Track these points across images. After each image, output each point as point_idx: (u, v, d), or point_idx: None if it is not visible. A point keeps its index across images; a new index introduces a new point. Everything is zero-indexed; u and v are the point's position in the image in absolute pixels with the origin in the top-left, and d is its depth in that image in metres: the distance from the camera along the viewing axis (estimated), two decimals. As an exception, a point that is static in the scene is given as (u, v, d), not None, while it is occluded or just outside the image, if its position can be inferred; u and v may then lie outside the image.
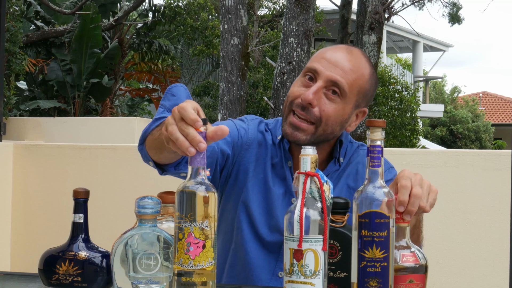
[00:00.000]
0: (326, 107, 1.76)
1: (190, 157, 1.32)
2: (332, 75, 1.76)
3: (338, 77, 1.76)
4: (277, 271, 1.82)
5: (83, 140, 6.69)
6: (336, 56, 1.79)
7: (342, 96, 1.77)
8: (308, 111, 1.76)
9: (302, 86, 1.79)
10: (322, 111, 1.76)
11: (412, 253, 1.39)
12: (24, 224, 4.07)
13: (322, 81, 1.76)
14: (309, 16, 6.88)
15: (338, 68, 1.77)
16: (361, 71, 1.81)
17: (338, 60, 1.78)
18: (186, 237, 1.28)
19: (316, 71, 1.77)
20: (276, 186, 1.84)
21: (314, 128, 1.77)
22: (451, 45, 25.98)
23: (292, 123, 1.78)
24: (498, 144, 25.00)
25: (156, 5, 13.20)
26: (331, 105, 1.77)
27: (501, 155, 3.27)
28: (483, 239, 3.25)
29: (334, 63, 1.77)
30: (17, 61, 7.66)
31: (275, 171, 1.85)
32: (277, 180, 1.85)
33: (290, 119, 1.78)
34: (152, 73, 12.97)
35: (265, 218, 1.83)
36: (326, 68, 1.77)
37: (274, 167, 1.85)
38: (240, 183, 1.86)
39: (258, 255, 1.82)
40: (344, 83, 1.76)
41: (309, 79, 1.79)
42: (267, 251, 1.82)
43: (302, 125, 1.77)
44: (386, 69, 14.09)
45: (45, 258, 1.55)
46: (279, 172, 1.85)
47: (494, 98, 31.64)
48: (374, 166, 1.33)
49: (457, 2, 16.66)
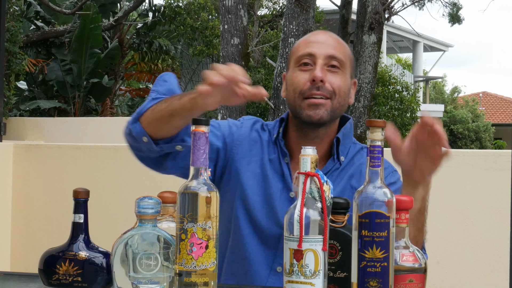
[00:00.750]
0: (334, 80, 1.83)
1: (193, 158, 1.32)
2: (327, 51, 1.85)
3: (333, 51, 1.85)
4: (275, 266, 1.83)
5: (83, 140, 6.68)
6: (319, 37, 1.89)
7: (342, 67, 1.85)
8: (322, 88, 1.82)
9: (303, 73, 1.85)
10: (333, 84, 1.83)
11: (412, 253, 1.39)
12: (24, 224, 4.07)
13: (321, 59, 1.83)
14: (309, 16, 6.88)
15: (327, 44, 1.86)
16: (342, 43, 1.92)
17: (323, 40, 1.88)
18: (189, 238, 1.29)
19: (311, 54, 1.84)
20: (275, 180, 1.86)
21: (330, 102, 1.83)
22: (451, 45, 26.00)
23: (311, 104, 1.82)
24: (498, 144, 25.01)
25: (156, 5, 13.20)
26: (336, 77, 1.84)
27: (501, 155, 3.27)
28: (483, 239, 3.25)
29: (323, 42, 1.87)
30: (17, 61, 7.66)
31: (273, 166, 1.88)
32: (275, 174, 1.87)
33: (307, 102, 1.83)
34: (152, 73, 12.97)
35: (264, 211, 1.85)
36: (318, 48, 1.85)
37: (272, 163, 1.88)
38: (234, 179, 1.88)
39: (257, 250, 1.83)
40: (340, 55, 1.86)
41: (305, 65, 1.85)
42: (265, 245, 1.83)
43: (321, 101, 1.82)
44: (386, 69, 14.09)
45: (45, 258, 1.55)
46: (276, 167, 1.88)
47: (494, 98, 31.65)
48: (374, 166, 1.33)
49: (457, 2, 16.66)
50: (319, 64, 1.82)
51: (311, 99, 1.82)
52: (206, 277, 1.30)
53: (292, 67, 1.87)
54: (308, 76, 1.82)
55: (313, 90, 1.81)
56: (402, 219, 1.39)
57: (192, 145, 1.34)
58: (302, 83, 1.83)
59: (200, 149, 1.33)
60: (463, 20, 16.60)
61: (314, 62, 1.83)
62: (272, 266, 1.83)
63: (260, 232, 1.83)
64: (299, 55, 1.86)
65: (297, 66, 1.86)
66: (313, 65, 1.83)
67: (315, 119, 1.82)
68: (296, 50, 1.88)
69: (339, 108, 1.85)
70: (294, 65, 1.87)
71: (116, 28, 11.95)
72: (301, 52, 1.86)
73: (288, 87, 1.87)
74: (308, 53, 1.84)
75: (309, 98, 1.82)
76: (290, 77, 1.87)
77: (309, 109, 1.82)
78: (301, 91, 1.83)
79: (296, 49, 1.89)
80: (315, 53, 1.83)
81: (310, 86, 1.81)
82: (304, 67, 1.84)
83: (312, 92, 1.81)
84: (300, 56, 1.85)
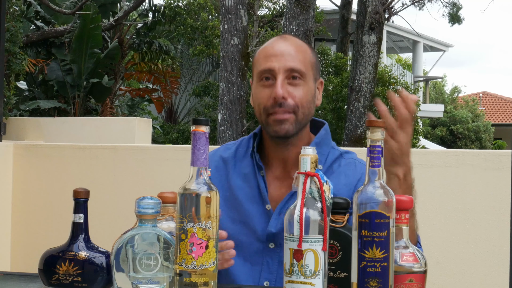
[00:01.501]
0: (296, 93, 1.85)
1: (193, 158, 1.32)
2: (286, 64, 1.85)
3: (292, 63, 1.85)
4: (262, 282, 1.83)
5: (83, 140, 6.68)
6: (277, 48, 1.88)
7: (303, 77, 1.86)
8: (284, 104, 1.83)
9: (265, 89, 1.86)
10: (295, 98, 1.84)
11: (412, 253, 1.39)
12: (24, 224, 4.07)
13: (281, 74, 1.84)
14: (309, 16, 6.88)
15: (286, 56, 1.86)
16: (303, 48, 1.90)
17: (281, 50, 1.87)
18: (189, 238, 1.29)
19: (270, 69, 1.85)
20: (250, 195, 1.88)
21: (294, 115, 1.85)
22: (451, 45, 25.99)
23: (276, 120, 1.84)
24: (498, 144, 25.01)
25: (156, 5, 13.19)
26: (298, 89, 1.85)
27: (501, 155, 3.27)
28: (483, 239, 3.25)
29: (280, 54, 1.86)
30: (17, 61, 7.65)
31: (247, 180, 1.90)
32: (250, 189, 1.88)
33: (272, 118, 1.85)
34: (152, 73, 12.97)
35: (243, 231, 1.84)
36: (277, 61, 1.85)
37: (246, 177, 1.90)
38: None
39: (243, 271, 1.83)
40: (299, 66, 1.86)
41: (266, 79, 1.86)
42: (250, 264, 1.83)
43: (285, 116, 1.83)
44: (386, 69, 14.09)
45: (45, 258, 1.55)
46: (251, 181, 1.89)
47: (494, 98, 31.64)
48: (374, 166, 1.33)
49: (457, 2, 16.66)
50: (279, 80, 1.83)
51: (275, 115, 1.84)
52: (206, 277, 1.30)
53: (255, 81, 1.90)
54: (270, 93, 1.84)
55: (275, 107, 1.84)
56: (402, 219, 1.39)
57: (192, 145, 1.34)
58: (265, 100, 1.85)
59: (200, 149, 1.33)
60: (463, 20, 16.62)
61: (275, 77, 1.85)
62: (259, 282, 1.83)
63: (243, 252, 1.82)
64: (260, 70, 1.88)
65: (259, 82, 1.88)
66: (273, 80, 1.85)
67: (282, 134, 1.85)
68: (257, 63, 1.90)
69: (305, 117, 1.87)
70: (256, 79, 1.90)
71: (116, 28, 11.95)
72: (261, 67, 1.87)
73: (254, 101, 1.91)
74: (268, 69, 1.85)
75: (273, 114, 1.84)
76: (254, 92, 1.91)
77: (275, 124, 1.84)
78: (265, 108, 1.85)
79: (257, 61, 1.91)
80: (274, 68, 1.84)
81: (273, 104, 1.84)
82: (266, 81, 1.86)
83: (275, 109, 1.84)
84: (261, 72, 1.87)
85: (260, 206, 1.86)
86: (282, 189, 1.87)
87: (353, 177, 1.87)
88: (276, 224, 1.83)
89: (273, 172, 1.90)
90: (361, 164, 1.91)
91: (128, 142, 6.53)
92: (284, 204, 1.84)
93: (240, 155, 1.95)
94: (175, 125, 15.30)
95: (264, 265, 1.82)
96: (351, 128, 9.49)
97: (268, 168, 1.91)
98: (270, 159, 1.91)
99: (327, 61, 13.82)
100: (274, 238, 1.83)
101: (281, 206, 1.84)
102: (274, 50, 1.88)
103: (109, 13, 11.84)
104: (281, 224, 1.81)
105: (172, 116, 16.45)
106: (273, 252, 1.83)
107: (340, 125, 12.37)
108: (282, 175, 1.90)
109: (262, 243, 1.84)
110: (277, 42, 1.91)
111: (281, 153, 1.89)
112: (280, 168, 1.90)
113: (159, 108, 13.75)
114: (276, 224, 1.83)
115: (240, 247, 1.80)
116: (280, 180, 1.89)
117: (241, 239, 1.82)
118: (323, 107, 12.63)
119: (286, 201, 1.84)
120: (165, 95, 13.44)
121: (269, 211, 1.84)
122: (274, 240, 1.83)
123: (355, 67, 9.65)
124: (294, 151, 1.87)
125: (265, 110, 1.85)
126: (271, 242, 1.83)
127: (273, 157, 1.91)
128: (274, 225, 1.83)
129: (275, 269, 1.82)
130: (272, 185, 1.89)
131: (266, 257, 1.83)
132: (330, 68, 13.81)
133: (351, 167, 1.89)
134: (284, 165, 1.90)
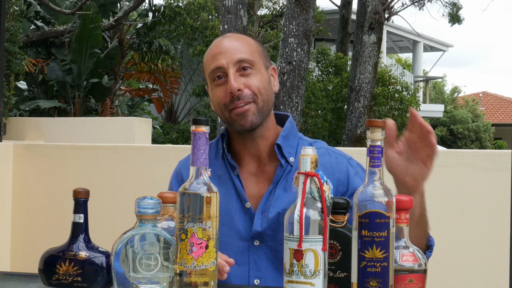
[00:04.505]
0: (250, 82, 1.86)
1: (193, 158, 1.32)
2: (233, 57, 1.87)
3: (238, 55, 1.87)
4: (252, 280, 1.84)
5: (83, 140, 6.68)
6: (221, 46, 1.90)
7: (253, 66, 1.88)
8: (242, 96, 1.85)
9: (220, 87, 1.88)
10: (250, 87, 1.86)
11: (412, 253, 1.39)
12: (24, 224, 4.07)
13: (231, 68, 1.86)
14: (309, 16, 6.88)
15: (231, 50, 1.88)
16: (246, 40, 1.94)
17: (225, 47, 1.89)
18: (189, 238, 1.29)
19: (219, 66, 1.87)
20: (227, 196, 1.88)
21: (254, 104, 1.86)
22: (451, 45, 25.99)
23: (238, 113, 1.86)
24: (498, 144, 25.01)
25: (156, 5, 13.19)
26: (251, 78, 1.87)
27: (501, 155, 3.27)
28: (483, 239, 3.25)
29: (225, 50, 1.89)
30: (17, 61, 7.65)
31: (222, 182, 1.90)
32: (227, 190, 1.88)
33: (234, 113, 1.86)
34: (152, 73, 12.96)
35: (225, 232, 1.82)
36: (224, 58, 1.87)
37: (221, 178, 1.90)
38: None
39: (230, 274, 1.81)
40: (246, 55, 1.88)
41: (219, 78, 1.88)
42: (236, 264, 1.81)
43: (246, 108, 1.85)
44: (386, 69, 14.09)
45: (45, 258, 1.55)
46: (226, 182, 1.90)
47: (494, 98, 31.64)
48: (374, 166, 1.33)
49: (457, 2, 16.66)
50: (230, 74, 1.85)
51: (237, 109, 1.85)
52: (206, 277, 1.30)
53: (209, 83, 1.92)
54: (226, 90, 1.86)
55: (234, 101, 1.85)
56: (402, 219, 1.39)
57: (192, 145, 1.34)
58: (223, 97, 1.87)
59: (200, 149, 1.33)
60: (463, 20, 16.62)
61: (226, 73, 1.86)
62: (248, 281, 1.84)
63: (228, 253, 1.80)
64: (210, 71, 1.89)
65: (213, 82, 1.90)
66: (225, 77, 1.87)
67: (248, 126, 1.86)
68: (206, 66, 1.92)
69: (265, 105, 1.88)
70: (209, 81, 1.91)
71: (116, 28, 11.95)
72: (211, 68, 1.89)
73: (213, 103, 1.92)
74: (217, 67, 1.87)
75: (234, 109, 1.85)
76: (211, 93, 1.92)
77: (238, 119, 1.86)
78: (225, 105, 1.87)
79: (206, 64, 1.93)
80: (223, 64, 1.86)
81: (231, 98, 1.85)
82: (219, 80, 1.88)
83: (234, 103, 1.85)
84: (211, 72, 1.89)
85: (239, 205, 1.87)
86: (259, 184, 1.89)
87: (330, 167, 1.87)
88: (261, 223, 1.84)
89: (248, 169, 1.91)
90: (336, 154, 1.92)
91: (128, 142, 6.53)
92: (265, 202, 1.85)
93: (211, 159, 1.94)
94: (175, 125, 15.30)
95: (251, 264, 1.84)
96: (351, 128, 9.49)
97: (241, 166, 1.92)
98: (242, 156, 1.92)
99: (327, 61, 13.83)
100: (259, 236, 1.84)
101: (262, 204, 1.85)
102: (219, 48, 1.90)
103: (109, 13, 11.83)
104: (266, 222, 1.83)
105: (172, 116, 16.45)
106: (259, 250, 1.84)
107: (340, 125, 12.37)
108: (257, 170, 1.91)
109: (246, 242, 1.85)
110: (220, 41, 1.93)
111: (252, 147, 1.90)
112: (253, 164, 1.92)
113: (159, 108, 13.75)
114: (261, 223, 1.84)
115: (224, 249, 1.80)
116: (255, 175, 1.91)
117: (225, 240, 1.80)
118: (323, 107, 12.64)
119: (267, 198, 1.85)
120: (165, 95, 13.43)
121: (249, 208, 1.86)
122: (259, 238, 1.84)
123: (355, 67, 9.65)
124: (264, 144, 1.90)
125: (225, 107, 1.86)
126: (256, 240, 1.84)
127: (245, 153, 1.92)
128: (258, 224, 1.84)
129: (263, 266, 1.83)
130: (249, 181, 1.90)
131: (252, 255, 1.84)
132: (330, 68, 13.82)
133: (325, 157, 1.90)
134: (257, 160, 1.91)
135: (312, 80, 13.22)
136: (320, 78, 13.80)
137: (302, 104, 7.10)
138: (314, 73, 13.83)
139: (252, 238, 1.84)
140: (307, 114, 12.62)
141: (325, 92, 12.95)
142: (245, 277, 1.84)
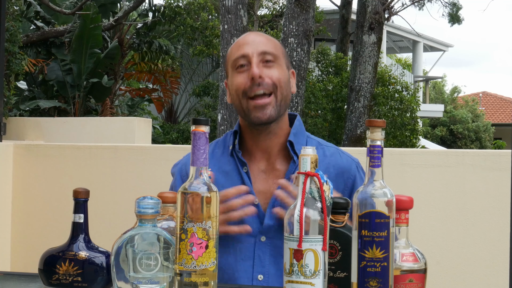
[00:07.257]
0: (272, 73, 1.90)
1: (193, 158, 1.32)
2: (259, 48, 1.91)
3: (264, 47, 1.92)
4: (256, 275, 1.85)
5: (83, 140, 6.68)
6: (248, 38, 1.96)
7: (276, 60, 1.92)
8: (262, 84, 1.88)
9: (241, 74, 1.91)
10: (272, 77, 1.89)
11: (412, 253, 1.39)
12: (24, 224, 4.07)
13: (255, 57, 1.89)
14: (309, 16, 6.88)
15: (257, 43, 1.93)
16: (272, 38, 1.99)
17: (253, 39, 1.95)
18: (189, 238, 1.29)
19: (244, 55, 1.91)
20: None
21: (274, 97, 1.89)
22: (451, 45, 25.98)
23: (257, 105, 1.88)
24: (498, 144, 25.00)
25: (156, 5, 13.19)
26: (273, 70, 1.91)
27: (501, 155, 3.26)
28: (483, 239, 3.25)
29: (251, 41, 1.93)
30: (17, 61, 7.64)
31: (230, 178, 1.91)
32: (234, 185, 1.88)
33: (252, 104, 1.88)
34: (152, 73, 12.96)
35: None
36: (249, 48, 1.91)
37: (228, 174, 1.91)
38: None
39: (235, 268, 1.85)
40: (271, 49, 1.92)
41: (241, 66, 1.91)
42: (241, 259, 1.84)
43: (265, 101, 1.88)
44: (386, 69, 14.08)
45: (45, 258, 1.55)
46: (234, 178, 1.90)
47: (494, 98, 31.64)
48: (374, 166, 1.33)
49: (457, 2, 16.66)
50: (254, 62, 1.88)
51: (256, 101, 1.87)
52: (206, 277, 1.30)
53: (231, 73, 1.94)
54: (247, 76, 1.88)
55: (254, 87, 1.87)
56: (402, 219, 1.39)
57: (192, 145, 1.34)
58: (243, 84, 1.89)
59: (200, 149, 1.33)
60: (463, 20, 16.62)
61: (249, 62, 1.89)
62: (252, 276, 1.85)
63: (234, 249, 1.84)
64: (234, 59, 1.92)
65: (235, 70, 1.92)
66: (248, 65, 1.89)
67: (264, 119, 1.88)
68: (231, 55, 1.95)
69: (284, 99, 1.91)
70: (231, 70, 1.93)
71: (116, 28, 11.94)
72: (235, 56, 1.92)
73: (231, 91, 1.93)
74: (242, 55, 1.90)
75: (254, 99, 1.87)
76: (231, 82, 1.94)
77: (256, 111, 1.88)
78: (244, 91, 1.89)
79: (230, 54, 1.96)
80: (248, 53, 1.90)
81: (251, 85, 1.87)
82: (241, 68, 1.91)
83: (254, 89, 1.87)
84: (235, 60, 1.92)
85: None
86: (268, 181, 1.90)
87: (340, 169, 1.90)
88: (271, 218, 1.85)
89: (258, 166, 1.92)
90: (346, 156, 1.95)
91: (128, 142, 6.52)
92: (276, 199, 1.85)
93: (217, 156, 1.96)
94: (175, 125, 15.30)
95: (256, 259, 1.84)
96: (351, 128, 9.49)
97: (251, 162, 1.93)
98: (252, 153, 1.93)
99: (327, 61, 13.82)
100: (267, 232, 1.85)
101: (273, 200, 1.86)
102: (245, 40, 1.94)
103: (109, 13, 11.83)
104: (276, 218, 1.84)
105: (172, 116, 16.45)
106: (264, 246, 1.85)
107: (340, 125, 12.37)
108: (266, 167, 1.92)
109: (253, 238, 1.85)
110: (247, 35, 1.99)
111: (263, 143, 1.92)
112: (263, 161, 1.93)
113: (159, 108, 13.75)
114: (271, 218, 1.85)
115: (232, 244, 1.83)
116: (265, 173, 1.92)
117: (231, 235, 1.83)
118: (323, 107, 12.64)
119: None
120: (165, 95, 13.43)
121: (256, 205, 1.86)
122: (266, 234, 1.85)
123: (355, 67, 9.65)
124: (276, 141, 1.92)
125: (244, 94, 1.88)
126: (263, 236, 1.85)
127: (256, 150, 1.93)
128: (269, 218, 1.85)
129: (266, 263, 1.85)
130: (258, 178, 1.91)
131: (257, 251, 1.85)
132: (330, 68, 13.81)
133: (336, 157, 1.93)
134: (267, 157, 1.92)
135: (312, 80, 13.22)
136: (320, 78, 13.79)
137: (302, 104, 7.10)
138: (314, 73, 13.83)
139: (259, 233, 1.86)
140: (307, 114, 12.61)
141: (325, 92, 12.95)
142: (249, 272, 1.85)
